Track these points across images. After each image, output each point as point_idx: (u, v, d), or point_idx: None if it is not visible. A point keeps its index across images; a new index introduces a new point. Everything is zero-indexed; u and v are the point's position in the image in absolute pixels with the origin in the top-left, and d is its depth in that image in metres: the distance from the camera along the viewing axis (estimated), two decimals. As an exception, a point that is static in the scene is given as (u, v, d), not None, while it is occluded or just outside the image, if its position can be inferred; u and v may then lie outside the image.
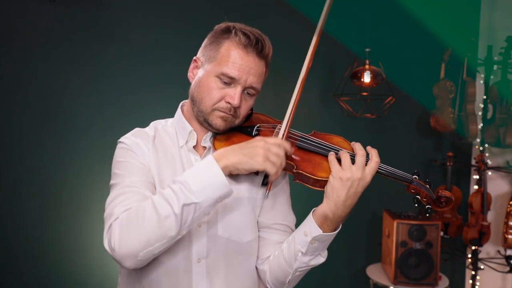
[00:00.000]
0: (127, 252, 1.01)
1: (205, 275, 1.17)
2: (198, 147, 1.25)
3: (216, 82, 1.16)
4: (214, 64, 1.16)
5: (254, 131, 1.24)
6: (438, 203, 1.16)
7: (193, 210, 1.01)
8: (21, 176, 2.57)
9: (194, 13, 2.80)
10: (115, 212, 1.06)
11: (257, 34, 1.17)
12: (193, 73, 1.24)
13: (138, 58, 2.71)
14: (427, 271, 2.64)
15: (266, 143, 1.06)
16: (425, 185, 1.17)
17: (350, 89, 2.79)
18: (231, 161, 1.03)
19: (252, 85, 1.17)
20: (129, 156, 1.19)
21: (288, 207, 1.32)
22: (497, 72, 2.88)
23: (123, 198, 1.10)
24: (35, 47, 2.55)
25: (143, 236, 1.00)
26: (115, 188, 1.15)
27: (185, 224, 1.02)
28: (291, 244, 1.18)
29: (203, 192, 1.01)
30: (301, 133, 1.22)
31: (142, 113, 2.59)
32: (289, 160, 1.16)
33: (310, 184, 1.14)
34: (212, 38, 1.20)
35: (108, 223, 1.06)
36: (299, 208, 1.39)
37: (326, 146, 1.18)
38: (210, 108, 1.17)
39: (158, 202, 1.01)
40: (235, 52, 1.15)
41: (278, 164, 1.05)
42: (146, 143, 1.22)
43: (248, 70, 1.15)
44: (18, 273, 2.58)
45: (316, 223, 1.13)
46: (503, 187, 3.12)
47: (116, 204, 1.08)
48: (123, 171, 1.17)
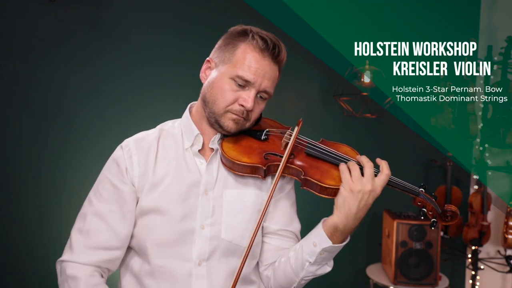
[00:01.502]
0: None
1: (205, 278, 1.17)
2: (205, 150, 1.24)
3: (231, 84, 1.16)
4: (229, 66, 1.16)
5: (263, 135, 1.23)
6: (443, 217, 1.17)
7: None
8: (21, 176, 2.56)
9: (194, 13, 2.79)
10: (74, 267, 1.19)
11: (274, 39, 1.18)
12: (205, 73, 1.23)
13: (138, 58, 2.70)
14: (427, 271, 2.64)
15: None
16: (431, 198, 1.17)
17: (350, 89, 2.78)
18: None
19: (266, 89, 1.17)
20: (117, 177, 1.20)
21: (294, 213, 1.32)
22: (497, 72, 2.87)
23: (89, 237, 1.19)
24: (35, 47, 2.55)
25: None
26: (87, 208, 1.22)
27: None
28: (299, 254, 1.17)
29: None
30: (310, 140, 1.23)
31: (142, 113, 2.59)
32: (297, 166, 1.16)
33: (317, 191, 1.15)
34: (227, 39, 1.20)
35: (60, 266, 1.25)
36: (305, 215, 1.39)
37: (334, 154, 1.18)
38: (223, 110, 1.17)
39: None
40: (252, 56, 1.15)
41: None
42: (141, 156, 1.21)
43: (263, 74, 1.15)
44: (18, 273, 2.58)
45: (326, 234, 1.13)
46: (503, 187, 3.12)
47: (79, 246, 1.20)
48: (103, 193, 1.21)
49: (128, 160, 1.20)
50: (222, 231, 1.19)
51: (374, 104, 2.80)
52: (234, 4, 2.82)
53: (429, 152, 3.24)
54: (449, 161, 3.01)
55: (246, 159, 1.17)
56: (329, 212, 1.15)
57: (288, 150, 1.16)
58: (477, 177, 2.99)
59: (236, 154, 1.18)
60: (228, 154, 1.18)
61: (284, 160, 1.16)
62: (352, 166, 1.11)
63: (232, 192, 1.22)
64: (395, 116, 2.92)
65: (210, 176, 1.21)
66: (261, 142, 1.23)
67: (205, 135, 1.24)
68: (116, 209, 1.18)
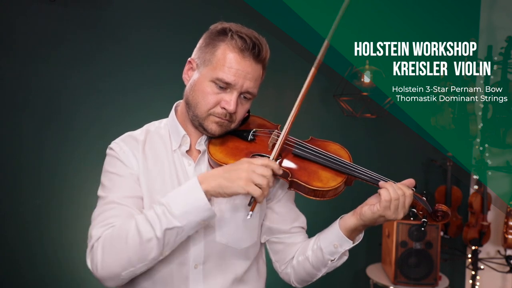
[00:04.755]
0: (109, 273, 1.03)
1: (202, 281, 1.17)
2: (192, 151, 1.23)
3: (212, 87, 1.13)
4: (210, 68, 1.13)
5: (250, 135, 1.21)
6: (434, 216, 1.16)
7: (175, 233, 1.02)
8: (21, 176, 2.56)
9: (194, 13, 2.79)
10: (97, 232, 1.06)
11: (254, 37, 1.13)
12: (188, 75, 1.20)
13: (138, 58, 2.70)
14: (427, 271, 2.65)
15: (251, 165, 1.03)
16: (421, 197, 1.16)
17: (350, 89, 2.78)
18: (211, 185, 1.02)
19: (249, 90, 1.14)
20: (117, 167, 1.17)
21: (296, 208, 1.34)
22: (497, 72, 2.87)
23: (106, 215, 1.10)
24: (35, 47, 2.54)
25: (125, 258, 1.01)
26: (100, 202, 1.15)
27: (167, 246, 1.03)
28: (318, 254, 1.20)
29: (185, 216, 1.01)
30: (297, 140, 1.20)
31: (142, 113, 2.57)
32: (284, 168, 1.14)
33: (304, 193, 1.14)
34: (207, 39, 1.17)
35: (90, 243, 1.06)
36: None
37: (322, 154, 1.17)
38: (205, 113, 1.15)
39: (141, 224, 1.01)
40: (231, 56, 1.11)
41: (264, 185, 1.02)
42: (134, 151, 1.19)
43: (244, 75, 1.12)
44: (18, 273, 2.58)
45: (345, 235, 1.16)
46: (503, 187, 3.12)
47: (99, 222, 1.09)
48: (110, 184, 1.16)
49: (123, 155, 1.18)
50: (217, 234, 1.18)
51: (374, 104, 2.80)
52: (234, 4, 2.82)
53: (429, 152, 3.24)
54: (449, 161, 3.01)
55: (232, 161, 1.15)
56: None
57: (275, 152, 1.13)
58: (477, 177, 2.99)
59: (222, 156, 1.16)
60: (214, 157, 1.16)
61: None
62: (394, 197, 1.10)
63: None
64: (395, 116, 2.92)
65: None
66: (248, 143, 1.20)
67: (192, 136, 1.22)
68: (129, 193, 1.15)
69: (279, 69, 2.65)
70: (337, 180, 1.14)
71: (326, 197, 1.14)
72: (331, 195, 1.15)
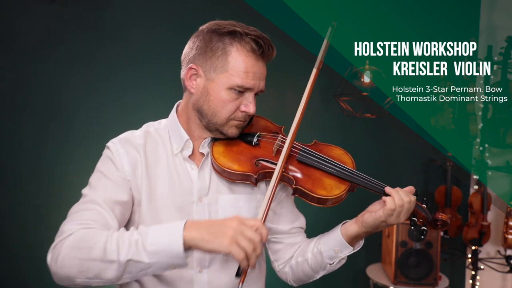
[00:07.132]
0: (65, 273, 0.98)
1: (207, 285, 1.18)
2: (195, 154, 1.22)
3: (231, 94, 1.12)
4: (226, 75, 1.11)
5: (255, 139, 1.20)
6: (433, 225, 1.17)
7: (140, 268, 0.97)
8: (21, 176, 2.56)
9: (194, 13, 2.79)
10: (70, 229, 1.02)
11: (262, 37, 1.13)
12: (191, 82, 1.17)
13: (138, 58, 2.70)
14: (427, 271, 2.65)
15: (241, 225, 0.96)
16: (421, 205, 1.16)
17: (350, 89, 2.78)
18: (192, 235, 0.95)
19: (262, 88, 1.17)
20: (107, 168, 1.16)
21: (296, 209, 1.35)
22: (497, 72, 2.87)
23: (83, 215, 1.07)
24: (35, 47, 2.54)
25: (84, 266, 0.97)
26: (82, 200, 1.13)
27: (127, 275, 0.98)
28: (318, 257, 1.22)
29: (156, 255, 0.95)
30: (302, 145, 1.20)
31: (142, 113, 2.56)
32: (288, 174, 1.14)
33: (308, 200, 1.14)
34: (210, 43, 1.13)
35: (59, 238, 1.02)
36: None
37: (327, 161, 1.16)
38: (225, 120, 1.15)
39: (110, 243, 0.97)
40: (247, 61, 1.11)
41: (249, 250, 0.94)
42: (131, 155, 1.17)
43: (259, 76, 1.14)
44: (18, 273, 2.58)
45: (347, 242, 1.19)
46: (503, 187, 3.12)
47: (75, 219, 1.05)
48: (96, 183, 1.15)
49: (118, 157, 1.17)
50: None
51: (374, 104, 2.80)
52: (234, 4, 2.82)
53: (429, 152, 3.24)
54: (449, 161, 3.01)
55: (236, 166, 1.14)
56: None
57: (281, 162, 1.11)
58: (477, 177, 2.99)
59: (226, 161, 1.15)
60: (218, 161, 1.15)
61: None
62: (399, 204, 1.11)
63: (227, 197, 1.20)
64: (395, 116, 2.92)
65: (203, 183, 1.19)
66: (252, 148, 1.19)
67: (195, 139, 1.21)
68: (112, 197, 1.13)
69: (279, 69, 2.64)
70: (340, 188, 1.15)
71: (329, 204, 1.15)
72: (334, 202, 1.16)
